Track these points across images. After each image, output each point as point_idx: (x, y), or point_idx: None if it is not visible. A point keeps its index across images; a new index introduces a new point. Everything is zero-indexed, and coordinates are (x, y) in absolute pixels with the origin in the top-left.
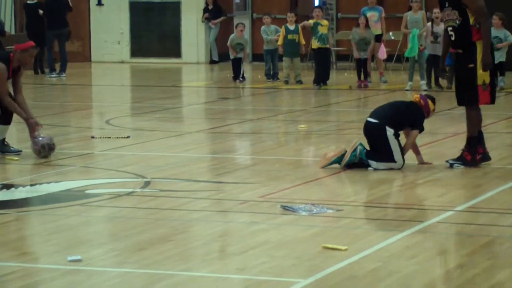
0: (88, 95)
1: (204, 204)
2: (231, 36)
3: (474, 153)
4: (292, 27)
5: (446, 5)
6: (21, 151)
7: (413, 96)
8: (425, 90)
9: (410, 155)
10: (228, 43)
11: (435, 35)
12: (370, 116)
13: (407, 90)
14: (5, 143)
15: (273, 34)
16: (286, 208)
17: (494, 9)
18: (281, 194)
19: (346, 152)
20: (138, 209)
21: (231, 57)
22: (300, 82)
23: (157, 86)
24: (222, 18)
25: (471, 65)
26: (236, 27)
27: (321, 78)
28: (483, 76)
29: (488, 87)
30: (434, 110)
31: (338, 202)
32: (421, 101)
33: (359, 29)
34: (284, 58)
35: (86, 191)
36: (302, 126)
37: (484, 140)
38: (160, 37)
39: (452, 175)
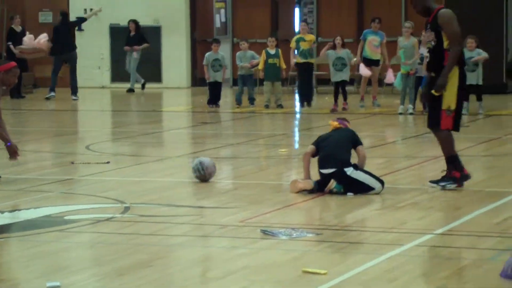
0: (69, 120)
1: (185, 229)
2: (206, 54)
3: (461, 168)
4: (272, 51)
5: (428, 27)
6: (0, 177)
7: (332, 125)
8: (411, 114)
9: (389, 179)
10: (204, 62)
11: (420, 57)
12: (323, 168)
13: (400, 113)
14: None
15: (248, 60)
16: (266, 232)
17: (467, 31)
18: (261, 218)
19: (314, 188)
20: (118, 235)
21: (208, 80)
22: (281, 106)
23: (138, 111)
24: (144, 45)
25: (435, 86)
26: (212, 44)
27: (305, 98)
28: (449, 102)
29: (452, 114)
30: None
31: (318, 226)
32: (341, 125)
33: (336, 50)
34: (265, 83)
35: (66, 217)
36: (283, 150)
37: (460, 161)
38: (141, 62)
39: (432, 198)
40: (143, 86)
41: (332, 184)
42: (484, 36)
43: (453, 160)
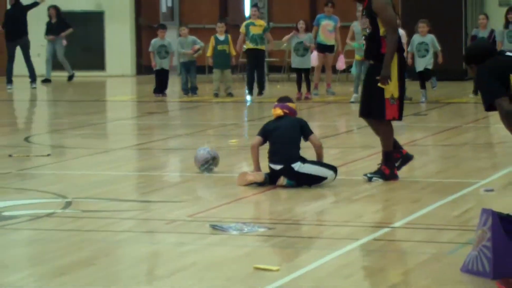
0: (6, 111)
1: (130, 224)
2: (152, 40)
3: (392, 167)
4: (221, 38)
5: (364, 13)
6: None
7: (275, 113)
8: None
9: (344, 170)
10: (150, 49)
11: None
12: (272, 162)
13: (352, 102)
14: None
15: (190, 46)
16: (215, 227)
17: (420, 15)
18: (210, 212)
19: (265, 181)
20: (59, 231)
21: (155, 67)
22: (231, 94)
23: (80, 101)
24: (69, 31)
25: (379, 77)
26: (157, 30)
27: (257, 86)
28: (391, 90)
29: (396, 101)
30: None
31: (270, 220)
32: (285, 110)
33: (299, 34)
34: (214, 70)
35: (3, 213)
36: (233, 141)
37: (398, 143)
38: (83, 49)
39: (388, 190)
40: (70, 78)
41: (283, 181)
42: (442, 19)
43: (388, 157)
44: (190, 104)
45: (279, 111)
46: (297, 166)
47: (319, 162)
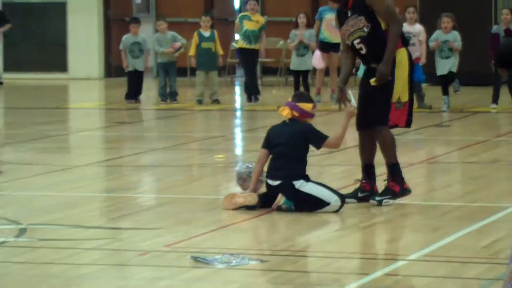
0: None
1: (96, 256)
2: (124, 37)
3: (401, 181)
4: (207, 34)
5: (349, 15)
6: None
7: (283, 114)
8: None
9: (351, 192)
10: (121, 47)
11: (408, 37)
12: (269, 177)
13: None
14: None
15: (169, 44)
16: (198, 259)
17: (440, 8)
18: (192, 242)
19: (258, 204)
20: (11, 264)
21: (126, 68)
22: (217, 101)
23: (37, 108)
24: (7, 27)
25: (389, 78)
26: (129, 25)
27: (251, 91)
28: (398, 92)
29: (404, 106)
30: (314, 106)
31: (263, 252)
32: (294, 112)
33: (298, 29)
34: (197, 72)
35: None
36: (220, 156)
37: (375, 174)
38: (41, 46)
39: (403, 216)
40: None
41: (280, 199)
42: (467, 13)
43: (395, 170)
44: (169, 112)
45: (286, 112)
46: (299, 183)
47: (325, 185)
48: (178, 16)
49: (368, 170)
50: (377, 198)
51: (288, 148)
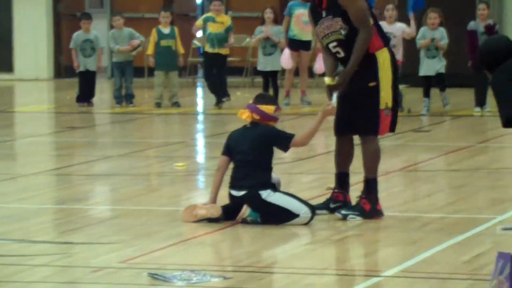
0: None
1: (45, 273)
2: (74, 34)
3: (375, 200)
4: (166, 30)
5: (324, 15)
6: None
7: (243, 118)
8: None
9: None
10: (71, 45)
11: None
12: (233, 187)
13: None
14: None
15: (126, 42)
16: (156, 276)
17: (430, 3)
18: (149, 257)
19: (221, 216)
20: None
21: (77, 68)
22: (177, 104)
23: None
24: None
25: (373, 83)
26: (80, 21)
27: (219, 92)
28: (385, 98)
29: (390, 112)
30: (277, 108)
31: (226, 268)
32: (255, 115)
33: (265, 26)
34: (155, 73)
35: None
36: (180, 164)
37: (349, 184)
38: None
39: (379, 229)
40: None
41: (245, 211)
42: (449, 10)
43: (371, 186)
44: (125, 116)
45: (246, 115)
46: (265, 193)
47: (294, 195)
48: (134, 11)
49: (342, 179)
50: (343, 212)
51: (252, 155)
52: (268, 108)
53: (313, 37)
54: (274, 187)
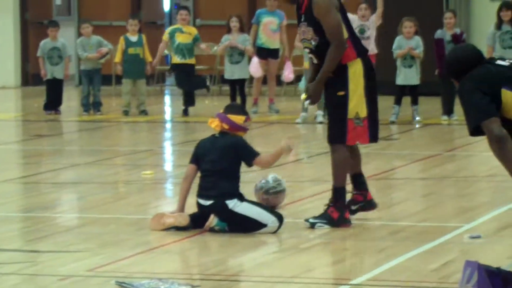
0: None
1: (12, 281)
2: (42, 42)
3: (343, 208)
4: (134, 38)
5: (302, 19)
6: None
7: (212, 127)
8: (320, 123)
9: (290, 211)
10: (39, 53)
11: None
12: (200, 196)
13: (298, 123)
14: None
15: (94, 49)
16: (123, 285)
17: (404, 12)
18: (117, 265)
19: (189, 225)
20: None
21: (45, 76)
22: (145, 112)
23: None
24: None
25: (341, 93)
26: (48, 29)
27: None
28: (355, 108)
29: (363, 122)
30: (247, 118)
31: (195, 276)
32: (224, 125)
33: (232, 34)
34: (123, 81)
35: None
36: (147, 172)
37: (365, 183)
38: None
39: (347, 237)
40: None
41: (213, 220)
42: (417, 18)
43: (338, 195)
44: (92, 124)
45: (215, 124)
46: (232, 203)
47: (261, 205)
48: (102, 19)
49: (357, 180)
50: (311, 220)
51: (219, 164)
52: (238, 118)
53: (280, 45)
54: (242, 197)
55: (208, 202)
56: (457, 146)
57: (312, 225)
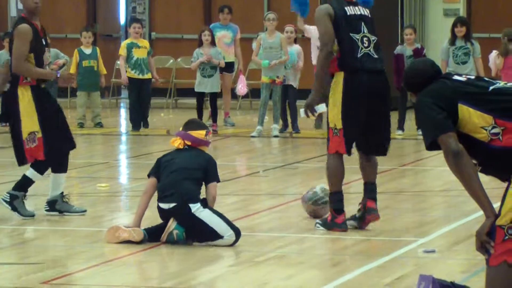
0: None
1: None
2: None
3: (334, 213)
4: (88, 51)
5: None
6: (85, 210)
7: (175, 146)
8: (275, 137)
9: (246, 224)
10: None
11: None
12: (162, 200)
13: (253, 136)
14: (65, 199)
15: (52, 61)
16: None
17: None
18: (72, 278)
19: (144, 239)
20: None
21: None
22: (100, 124)
23: None
24: None
25: (329, 101)
26: (3, 40)
27: (138, 119)
28: (333, 120)
29: (340, 132)
30: (208, 132)
31: None
32: (187, 141)
33: (203, 48)
34: (78, 93)
35: None
36: (103, 185)
37: (370, 192)
38: None
39: (302, 251)
40: None
41: (172, 224)
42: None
43: (331, 200)
44: None
45: (177, 143)
46: (195, 207)
47: (223, 216)
48: (58, 32)
49: (364, 188)
50: (317, 221)
51: (186, 170)
52: (199, 133)
53: (235, 59)
54: (205, 203)
55: (170, 205)
56: (412, 161)
57: (315, 224)
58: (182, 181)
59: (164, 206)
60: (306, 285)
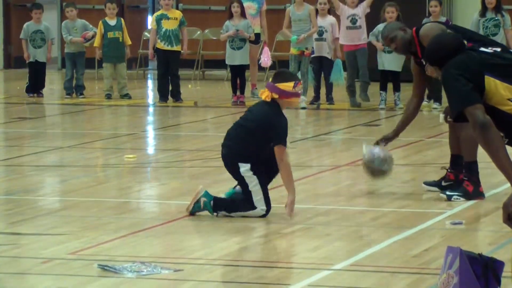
0: None
1: None
2: (25, 25)
3: (477, 181)
4: (113, 22)
5: (425, 63)
6: None
7: (263, 98)
8: (303, 108)
9: (273, 196)
10: (22, 35)
11: (320, 31)
12: (224, 144)
13: (303, 108)
14: None
15: (79, 32)
16: (106, 268)
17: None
18: (99, 249)
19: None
20: None
21: (28, 59)
22: (127, 96)
23: None
24: None
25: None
26: (31, 11)
27: (172, 95)
28: None
29: None
30: (297, 83)
31: (178, 260)
32: (274, 94)
33: (233, 20)
34: (104, 65)
35: None
36: (130, 156)
37: (461, 165)
38: None
39: (328, 223)
40: None
41: (200, 191)
42: (402, 6)
43: (470, 169)
44: (75, 107)
45: (265, 95)
46: (244, 168)
47: (266, 190)
48: (85, 3)
49: (454, 161)
50: (448, 193)
51: (249, 124)
52: (286, 85)
53: (261, 30)
54: (257, 168)
55: (224, 152)
56: (438, 133)
57: (449, 198)
58: (236, 136)
59: (223, 149)
60: (333, 256)
